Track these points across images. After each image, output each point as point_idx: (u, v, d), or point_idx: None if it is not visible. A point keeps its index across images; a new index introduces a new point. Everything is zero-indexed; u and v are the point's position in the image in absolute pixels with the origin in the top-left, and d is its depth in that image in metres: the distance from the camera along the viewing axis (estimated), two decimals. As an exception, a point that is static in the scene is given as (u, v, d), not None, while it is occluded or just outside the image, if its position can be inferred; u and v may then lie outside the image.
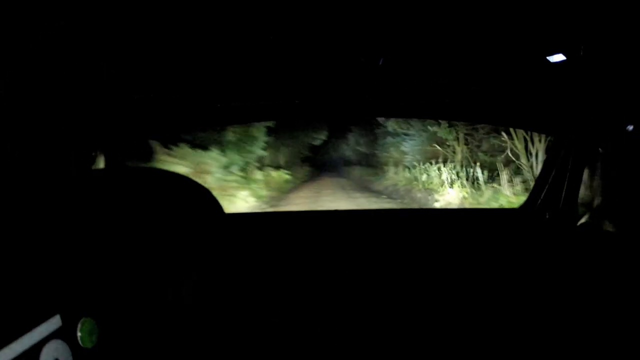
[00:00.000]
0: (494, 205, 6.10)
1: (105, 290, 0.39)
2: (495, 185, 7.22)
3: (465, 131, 8.68)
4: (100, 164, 1.12)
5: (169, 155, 6.16)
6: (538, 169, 6.15)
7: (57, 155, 0.96)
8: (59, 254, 0.38)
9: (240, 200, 7.32)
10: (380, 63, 1.08)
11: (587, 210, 1.27)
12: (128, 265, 0.42)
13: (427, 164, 9.60)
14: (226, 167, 7.64)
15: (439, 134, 9.12)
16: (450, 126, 8.56)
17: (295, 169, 14.43)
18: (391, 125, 11.78)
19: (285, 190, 10.54)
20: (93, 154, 1.10)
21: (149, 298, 0.43)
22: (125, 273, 0.42)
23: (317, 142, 17.09)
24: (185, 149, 6.67)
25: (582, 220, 1.30)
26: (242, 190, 7.77)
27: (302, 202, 8.68)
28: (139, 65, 1.03)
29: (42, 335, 0.33)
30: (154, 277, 0.43)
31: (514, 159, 6.91)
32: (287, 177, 11.78)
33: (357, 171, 17.12)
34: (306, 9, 0.87)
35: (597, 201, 1.20)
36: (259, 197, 8.27)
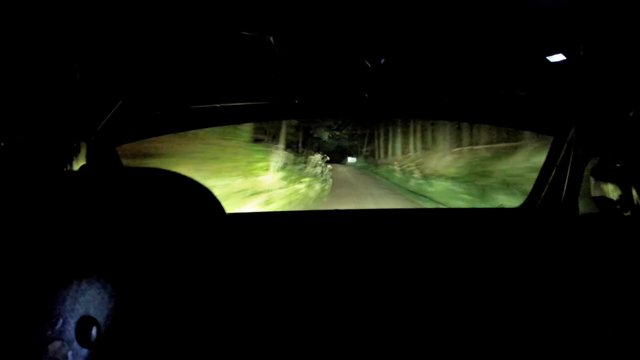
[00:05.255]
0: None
1: (105, 290, 0.39)
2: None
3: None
4: (99, 163, 1.11)
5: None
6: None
7: (56, 155, 0.96)
8: (58, 254, 0.38)
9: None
10: (382, 63, 1.08)
11: (588, 209, 1.27)
12: (128, 265, 0.42)
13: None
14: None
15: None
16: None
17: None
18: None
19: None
20: (92, 153, 1.10)
21: (149, 298, 0.43)
22: (125, 273, 0.42)
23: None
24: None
25: (583, 219, 1.30)
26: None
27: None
28: (138, 65, 1.03)
29: (43, 336, 0.33)
30: (154, 277, 0.43)
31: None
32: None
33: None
34: (307, 9, 0.87)
35: (598, 200, 1.20)
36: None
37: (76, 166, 1.02)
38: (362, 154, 22.74)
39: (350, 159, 23.08)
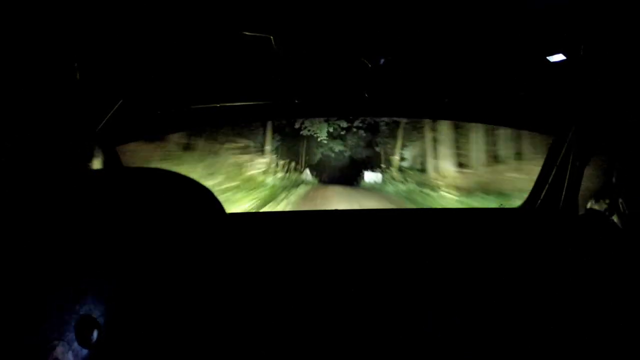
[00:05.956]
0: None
1: (106, 290, 0.39)
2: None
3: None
4: (101, 164, 1.11)
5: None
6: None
7: (56, 155, 0.96)
8: (58, 255, 0.38)
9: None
10: (381, 63, 1.08)
11: (588, 209, 1.27)
12: (128, 265, 0.42)
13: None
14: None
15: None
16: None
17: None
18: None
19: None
20: (93, 153, 1.10)
21: (150, 298, 0.43)
22: (125, 273, 0.42)
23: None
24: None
25: (583, 219, 1.30)
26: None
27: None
28: (139, 65, 1.03)
29: (44, 336, 0.33)
30: (155, 276, 0.43)
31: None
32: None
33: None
34: (307, 9, 0.87)
35: (597, 200, 1.20)
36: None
37: (76, 166, 1.02)
38: (395, 166, 10.98)
39: (370, 176, 11.81)
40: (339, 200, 8.85)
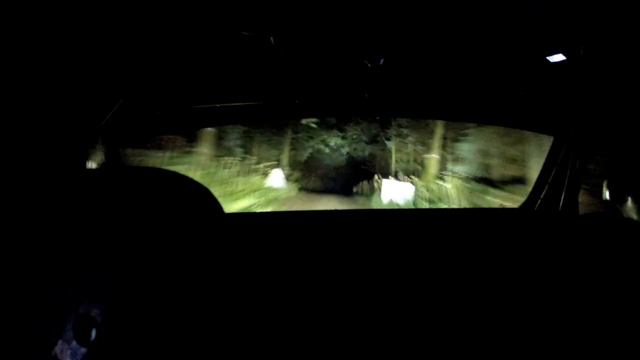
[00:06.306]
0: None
1: (104, 289, 0.39)
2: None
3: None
4: (100, 163, 1.11)
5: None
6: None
7: (56, 155, 0.96)
8: (57, 255, 0.38)
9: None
10: (382, 63, 1.08)
11: (588, 209, 1.27)
12: (127, 264, 0.42)
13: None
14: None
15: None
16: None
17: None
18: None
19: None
20: (93, 153, 1.10)
21: (148, 297, 0.43)
22: (124, 272, 0.42)
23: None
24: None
25: (583, 219, 1.30)
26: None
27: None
28: (139, 65, 1.03)
29: (43, 335, 0.33)
30: (154, 276, 0.43)
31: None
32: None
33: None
34: (307, 9, 0.87)
35: (598, 200, 1.20)
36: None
37: (76, 166, 1.02)
38: (430, 170, 7.47)
39: (391, 189, 7.82)
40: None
